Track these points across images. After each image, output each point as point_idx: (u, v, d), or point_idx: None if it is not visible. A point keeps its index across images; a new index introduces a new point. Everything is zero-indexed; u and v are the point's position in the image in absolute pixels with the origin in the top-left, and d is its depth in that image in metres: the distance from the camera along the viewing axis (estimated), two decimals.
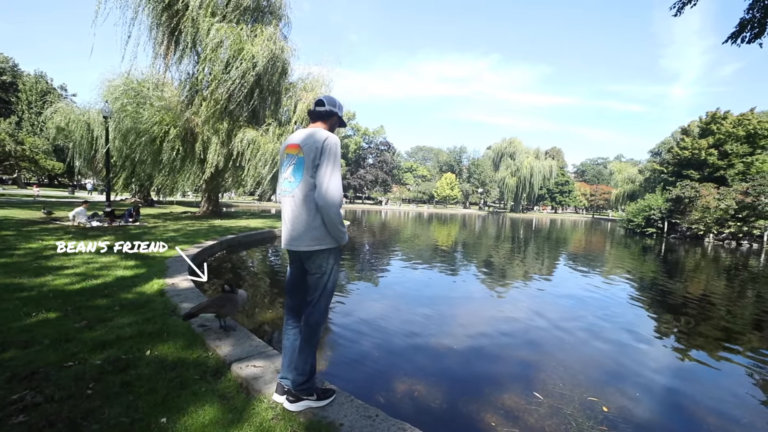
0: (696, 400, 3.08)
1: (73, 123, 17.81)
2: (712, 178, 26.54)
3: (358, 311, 4.82)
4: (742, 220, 19.85)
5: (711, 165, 27.58)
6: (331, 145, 1.80)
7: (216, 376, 2.26)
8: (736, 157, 26.71)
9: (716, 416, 2.81)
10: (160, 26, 12.75)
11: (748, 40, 5.46)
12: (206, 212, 16.81)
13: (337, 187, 1.78)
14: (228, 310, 2.93)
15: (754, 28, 5.35)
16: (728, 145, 27.12)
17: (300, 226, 1.84)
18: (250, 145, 13.57)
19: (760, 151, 26.38)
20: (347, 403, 2.02)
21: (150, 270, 4.96)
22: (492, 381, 3.11)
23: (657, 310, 5.99)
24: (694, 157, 28.74)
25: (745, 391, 3.27)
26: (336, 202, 1.78)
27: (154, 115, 13.41)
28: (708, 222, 20.95)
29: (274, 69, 13.37)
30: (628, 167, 71.78)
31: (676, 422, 2.73)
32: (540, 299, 6.25)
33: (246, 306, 3.97)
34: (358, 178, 59.97)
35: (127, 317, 3.12)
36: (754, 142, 26.72)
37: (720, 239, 20.83)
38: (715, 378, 3.55)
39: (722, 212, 20.45)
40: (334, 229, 1.83)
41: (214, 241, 8.51)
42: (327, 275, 1.89)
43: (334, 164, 1.80)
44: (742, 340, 4.61)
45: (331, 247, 1.87)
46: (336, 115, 2.01)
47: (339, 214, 1.81)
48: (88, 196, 27.51)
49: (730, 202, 20.35)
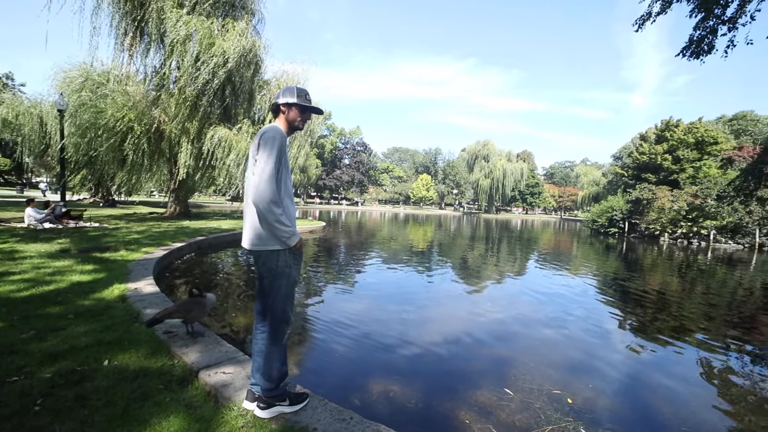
0: (651, 386, 3.29)
1: (22, 116, 16.44)
2: (667, 181, 28.57)
3: (332, 313, 4.76)
4: (692, 221, 21.49)
5: (666, 169, 29.71)
6: (268, 137, 1.70)
7: (182, 384, 2.15)
8: (687, 162, 28.94)
9: (668, 400, 3.02)
10: (124, 16, 12.04)
11: (697, 55, 5.97)
12: (174, 213, 16.05)
13: (267, 180, 1.64)
14: (196, 314, 2.80)
15: (701, 45, 5.87)
16: (680, 151, 29.34)
17: (250, 225, 1.79)
18: (221, 143, 13.08)
19: (707, 157, 28.71)
20: (321, 407, 1.98)
21: (110, 274, 4.66)
22: (465, 379, 3.17)
23: (618, 305, 6.36)
24: (651, 162, 30.85)
25: (695, 375, 3.54)
26: (266, 197, 1.64)
27: (118, 111, 12.62)
28: (663, 222, 22.52)
29: (247, 66, 12.98)
30: (593, 170, 75.76)
31: (634, 408, 2.90)
32: (511, 297, 6.46)
33: (215, 310, 3.82)
34: (334, 178, 59.43)
35: (83, 325, 2.91)
36: (702, 148, 29.07)
37: (674, 238, 22.44)
38: (669, 365, 3.81)
39: (675, 213, 22.06)
40: (267, 228, 1.72)
41: (183, 243, 8.14)
42: (278, 279, 1.81)
43: (268, 156, 1.68)
44: (692, 329, 4.98)
45: (277, 249, 1.77)
46: (287, 106, 1.85)
47: (271, 211, 1.66)
48: (40, 196, 25.49)
49: (682, 203, 21.99)
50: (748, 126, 45.69)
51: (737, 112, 48.47)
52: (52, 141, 16.51)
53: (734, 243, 20.72)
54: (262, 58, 13.87)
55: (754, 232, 20.06)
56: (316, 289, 6.21)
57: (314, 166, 54.31)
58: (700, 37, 5.84)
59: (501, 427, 2.47)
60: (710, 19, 5.67)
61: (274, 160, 1.68)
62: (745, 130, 45.18)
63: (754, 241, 20.04)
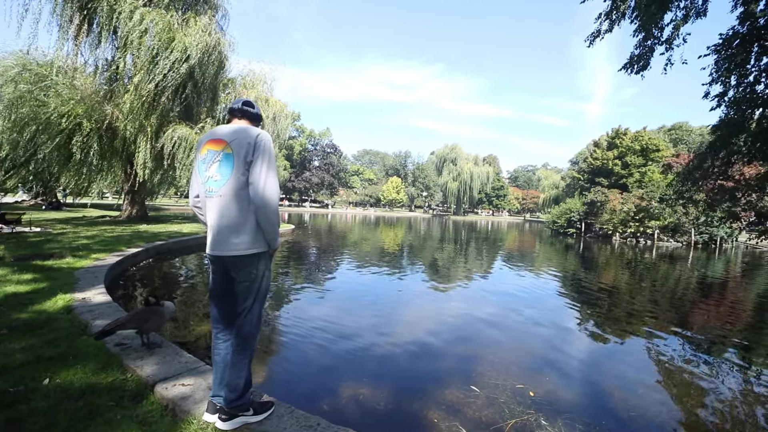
0: (605, 375, 3.55)
1: None
2: (618, 185, 30.86)
3: (300, 317, 4.66)
4: (639, 221, 23.41)
5: (616, 174, 32.10)
6: (266, 140, 1.71)
7: (136, 400, 2.01)
8: (634, 168, 31.45)
9: (620, 387, 3.25)
10: (69, 2, 11.10)
11: (636, 71, 6.58)
12: (130, 216, 14.97)
13: (274, 186, 1.67)
14: (152, 324, 2.62)
15: (639, 62, 6.47)
16: (628, 157, 31.85)
17: (230, 229, 1.69)
18: (181, 143, 12.39)
19: (651, 163, 31.40)
20: (287, 415, 1.93)
21: (54, 284, 4.26)
22: (433, 378, 3.23)
23: (576, 300, 6.78)
24: (603, 167, 33.18)
25: (643, 364, 3.85)
26: (274, 201, 1.68)
27: (63, 105, 11.57)
28: (615, 223, 24.33)
29: (210, 62, 12.41)
30: (553, 174, 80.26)
31: (590, 396, 3.10)
32: (476, 296, 6.68)
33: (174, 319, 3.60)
34: (303, 180, 58.32)
35: (19, 341, 2.63)
36: (647, 155, 31.73)
37: (624, 237, 24.30)
38: (621, 354, 4.13)
39: (625, 214, 23.91)
40: (271, 231, 1.72)
41: (139, 248, 7.61)
42: (258, 282, 1.76)
43: (269, 162, 1.69)
44: (641, 320, 5.42)
45: (261, 251, 1.75)
46: (261, 120, 1.98)
47: (277, 214, 1.71)
48: None
49: (631, 205, 23.89)
50: (684, 135, 50.68)
51: (675, 123, 53.68)
52: None
53: (674, 241, 22.83)
54: (226, 55, 13.33)
55: (690, 231, 22.21)
56: (283, 293, 6.06)
57: (282, 167, 52.99)
58: (639, 54, 6.45)
59: (468, 423, 2.54)
60: (649, 39, 6.25)
61: (274, 165, 1.74)
62: (681, 139, 50.04)
63: (690, 239, 22.19)
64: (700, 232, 22.11)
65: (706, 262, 14.42)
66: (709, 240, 22.16)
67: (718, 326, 5.51)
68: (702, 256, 16.65)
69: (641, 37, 6.36)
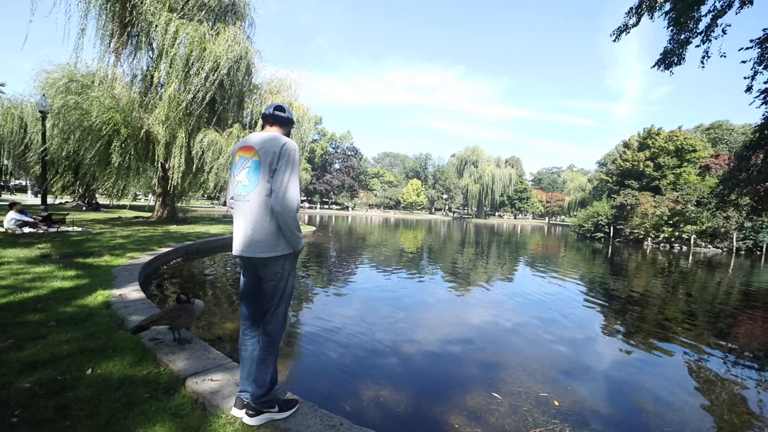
0: (635, 387, 3.37)
1: (2, 116, 15.96)
2: (650, 187, 29.40)
3: (322, 317, 4.74)
4: (674, 226, 22.15)
5: (648, 176, 30.59)
6: (291, 149, 1.78)
7: (168, 393, 2.11)
8: (668, 169, 29.87)
9: (652, 401, 3.09)
10: (112, 17, 11.88)
11: (669, 66, 6.28)
12: (161, 217, 15.73)
13: (294, 193, 1.75)
14: (183, 321, 2.75)
15: (672, 57, 6.17)
16: (661, 158, 30.29)
17: (256, 232, 1.78)
18: (211, 147, 12.94)
19: (687, 164, 29.71)
20: (311, 414, 1.97)
21: (94, 280, 4.55)
22: (455, 383, 3.19)
23: (604, 308, 6.49)
24: (634, 168, 31.72)
25: (679, 377, 3.64)
26: (293, 207, 1.76)
27: (104, 113, 12.37)
28: (646, 227, 23.15)
29: (238, 70, 12.92)
30: (579, 176, 77.45)
31: (619, 409, 2.97)
32: (498, 301, 6.53)
33: (203, 317, 3.76)
34: (324, 183, 59.24)
35: (65, 333, 2.83)
36: (681, 156, 30.06)
37: (657, 242, 23.06)
38: (653, 367, 3.91)
39: (658, 218, 22.71)
40: (290, 235, 1.79)
41: (170, 248, 7.98)
42: (284, 281, 1.85)
43: (292, 169, 1.77)
44: (676, 331, 5.12)
45: (286, 253, 1.83)
46: (293, 124, 2.04)
47: (296, 219, 1.78)
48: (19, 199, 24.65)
49: (664, 209, 22.66)
50: (724, 135, 47.53)
51: (714, 122, 50.41)
52: (32, 142, 16.04)
53: (713, 247, 21.41)
54: (253, 62, 13.83)
55: (732, 237, 20.77)
56: (306, 294, 6.17)
57: (304, 170, 54.05)
58: (671, 49, 6.16)
59: (490, 430, 2.49)
60: (684, 32, 5.96)
61: (298, 172, 1.80)
62: (721, 138, 46.97)
63: (732, 245, 20.75)
64: (744, 237, 20.63)
65: (750, 269, 13.44)
66: (754, 246, 20.63)
67: (766, 340, 5.13)
68: (745, 263, 15.53)
69: (675, 30, 6.07)
